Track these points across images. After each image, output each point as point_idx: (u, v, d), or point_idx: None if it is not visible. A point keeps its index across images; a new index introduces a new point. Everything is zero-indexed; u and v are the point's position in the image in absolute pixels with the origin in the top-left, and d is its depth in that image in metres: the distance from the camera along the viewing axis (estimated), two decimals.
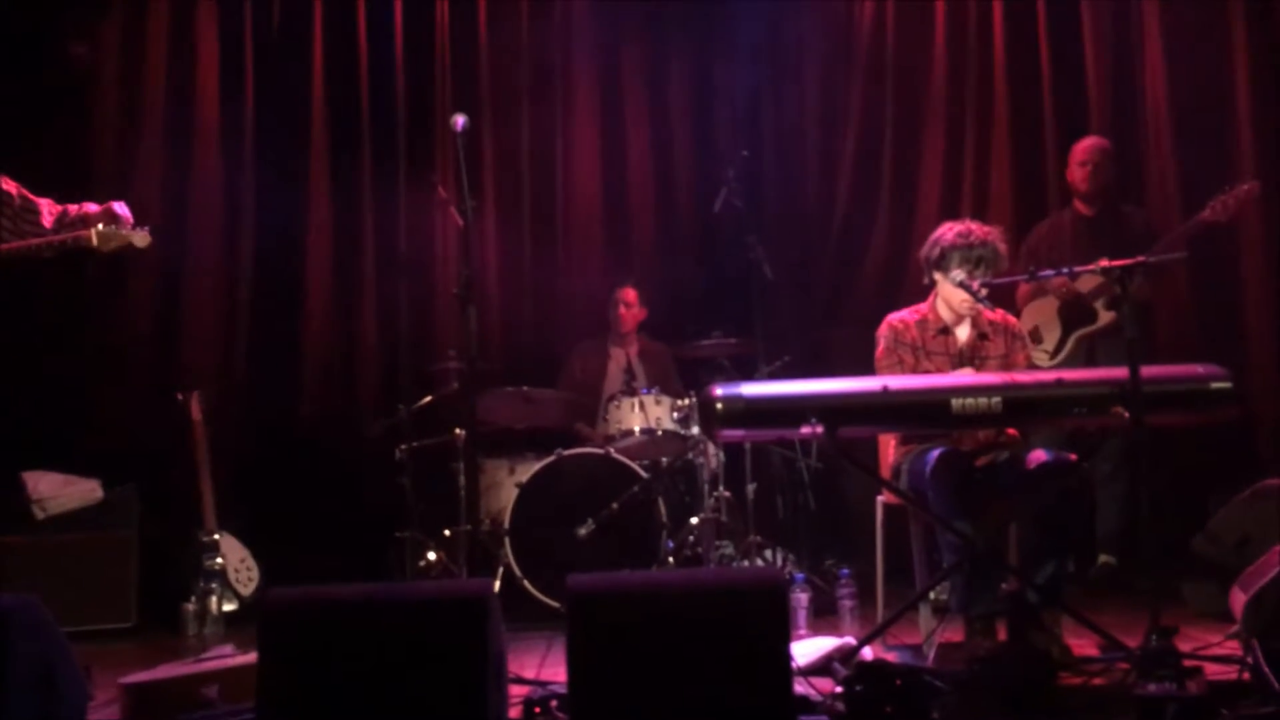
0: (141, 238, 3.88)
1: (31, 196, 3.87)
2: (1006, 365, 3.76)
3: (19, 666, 2.51)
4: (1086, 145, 5.13)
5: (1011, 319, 3.92)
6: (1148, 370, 3.18)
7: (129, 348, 5.51)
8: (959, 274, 3.72)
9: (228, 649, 3.21)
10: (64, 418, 5.32)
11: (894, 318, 3.88)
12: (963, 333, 3.83)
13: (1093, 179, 5.05)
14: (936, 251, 3.80)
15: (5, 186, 3.83)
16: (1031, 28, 5.81)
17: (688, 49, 6.26)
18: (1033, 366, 3.86)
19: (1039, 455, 3.63)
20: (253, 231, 5.74)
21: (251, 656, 2.87)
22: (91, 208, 3.83)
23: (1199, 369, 3.37)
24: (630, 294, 5.62)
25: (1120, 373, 3.17)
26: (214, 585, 4.91)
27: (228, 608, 4.93)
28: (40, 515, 4.86)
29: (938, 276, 3.82)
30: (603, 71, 6.16)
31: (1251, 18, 5.37)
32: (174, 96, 5.65)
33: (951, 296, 3.78)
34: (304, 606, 2.51)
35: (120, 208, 3.80)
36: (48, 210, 3.90)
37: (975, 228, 3.78)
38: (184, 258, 5.60)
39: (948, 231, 3.80)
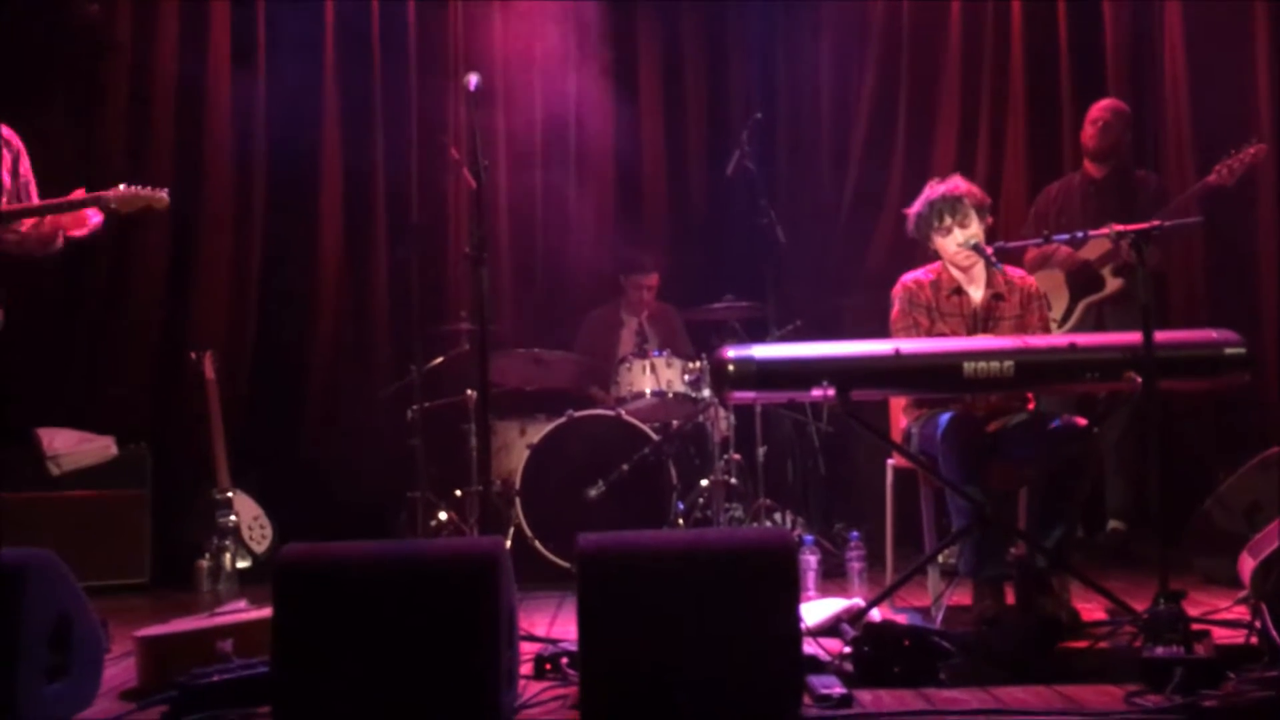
0: (160, 200, 3.91)
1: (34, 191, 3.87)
2: (1021, 325, 3.76)
3: (37, 619, 2.54)
4: (1100, 104, 5.11)
5: (1029, 279, 3.90)
6: (1161, 335, 3.17)
7: (143, 307, 5.53)
8: (959, 234, 3.72)
9: (241, 604, 3.24)
10: (79, 375, 5.35)
11: (908, 278, 3.87)
12: (976, 293, 3.81)
13: (1101, 136, 5.01)
14: (915, 223, 3.84)
15: (22, 170, 3.83)
16: None
17: (702, 12, 6.22)
18: (1048, 327, 3.84)
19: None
20: (265, 191, 5.73)
21: (266, 611, 2.89)
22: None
23: (1213, 334, 3.36)
24: (655, 279, 5.61)
25: (1134, 337, 3.16)
26: (228, 542, 4.96)
27: (241, 564, 4.97)
28: (55, 472, 4.90)
29: (933, 244, 3.82)
30: (616, 33, 6.13)
31: None
32: (185, 59, 5.62)
33: (947, 250, 3.78)
34: (319, 562, 2.52)
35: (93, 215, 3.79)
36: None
37: (934, 185, 3.83)
38: (197, 218, 5.60)
39: (915, 204, 3.85)
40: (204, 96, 5.64)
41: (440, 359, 5.26)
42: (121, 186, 3.83)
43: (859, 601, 3.49)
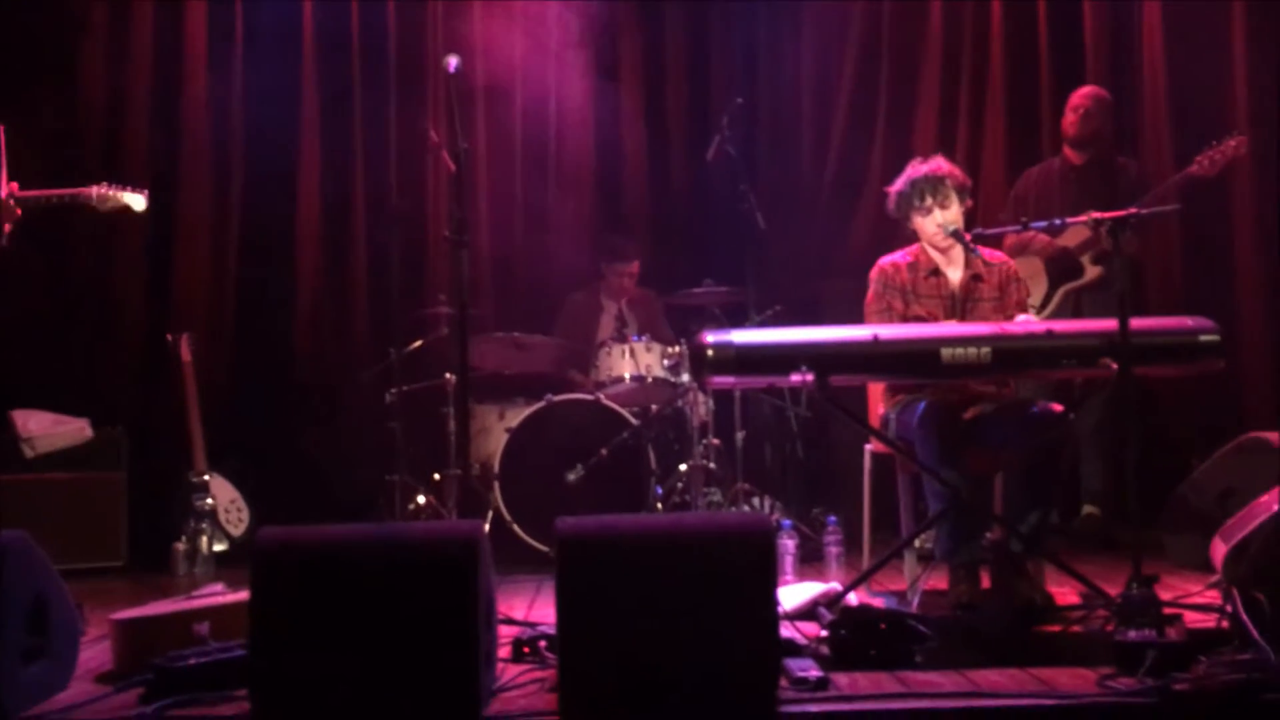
0: (138, 201, 3.93)
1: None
2: (1000, 307, 3.78)
3: (14, 600, 2.53)
4: (1082, 91, 5.13)
5: (1008, 261, 3.92)
6: (1137, 322, 3.19)
7: (121, 289, 5.49)
8: (938, 214, 3.74)
9: (218, 587, 3.23)
10: (54, 357, 5.31)
11: (885, 261, 3.88)
12: (955, 275, 3.83)
13: (1081, 124, 5.04)
14: (896, 202, 3.85)
15: None
16: None
17: None
18: (1025, 309, 3.86)
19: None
20: (243, 173, 5.70)
21: (242, 595, 2.89)
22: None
23: (1188, 321, 3.39)
24: (636, 267, 5.61)
25: (1110, 324, 3.19)
26: (204, 525, 4.94)
27: (218, 548, 4.96)
28: (29, 454, 4.86)
29: (912, 223, 3.83)
30: (597, 14, 6.10)
31: None
32: (163, 42, 5.58)
33: (926, 231, 3.79)
34: (296, 545, 2.52)
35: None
36: None
37: (915, 168, 3.83)
38: (176, 202, 5.56)
39: (897, 182, 3.85)
40: (181, 81, 5.60)
41: (419, 342, 5.24)
42: (103, 185, 3.85)
43: (836, 585, 3.51)
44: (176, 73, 5.59)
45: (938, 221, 3.75)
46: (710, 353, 3.27)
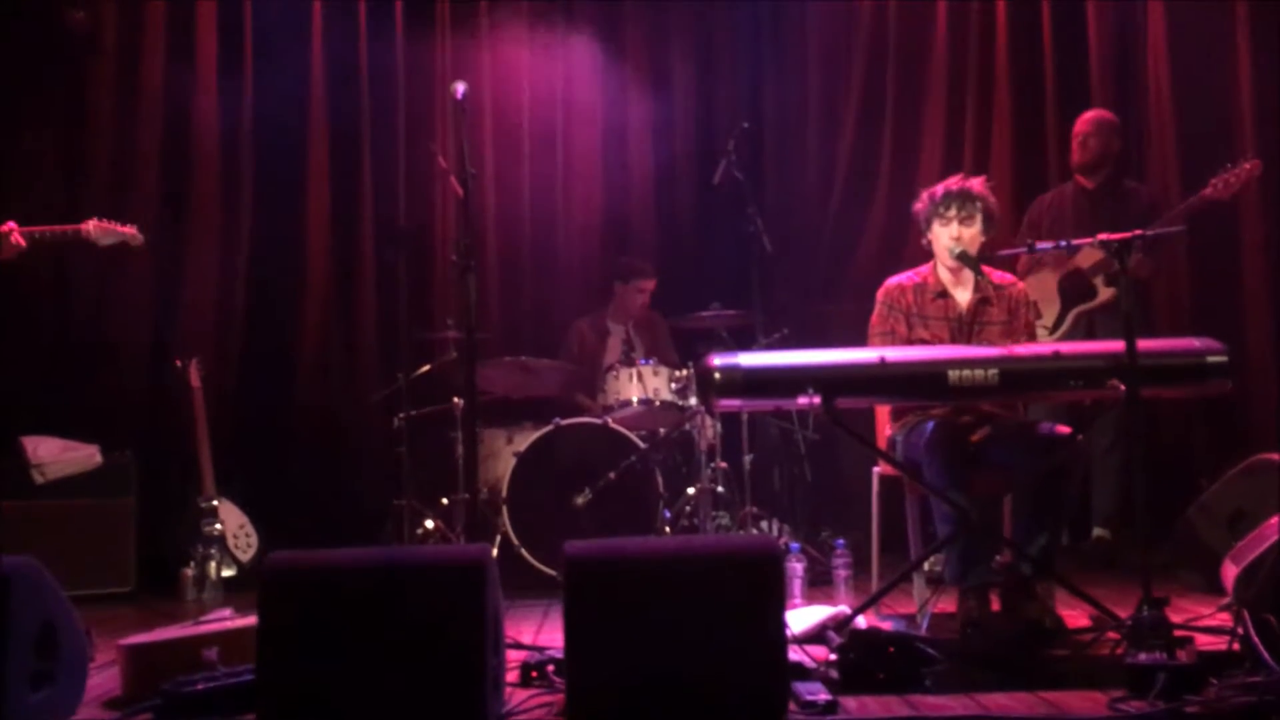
0: (135, 238, 4.00)
1: None
2: (1008, 331, 3.77)
3: (22, 626, 2.54)
4: (1084, 117, 5.15)
5: (1018, 284, 3.92)
6: (1144, 343, 3.19)
7: (129, 314, 5.51)
8: (955, 228, 3.74)
9: (226, 612, 3.24)
10: (63, 383, 5.33)
11: (891, 282, 3.88)
12: (963, 296, 3.82)
13: (1081, 150, 5.07)
14: (927, 204, 3.83)
15: None
16: (1034, 5, 5.80)
17: (690, 18, 6.25)
18: (1034, 333, 3.86)
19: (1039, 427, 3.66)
20: (251, 199, 5.72)
21: (251, 619, 2.89)
22: None
23: (1195, 343, 3.38)
24: (653, 284, 5.62)
25: (1117, 346, 3.18)
26: (213, 551, 4.94)
27: (226, 573, 4.96)
28: (39, 480, 4.87)
29: (931, 232, 3.83)
30: (605, 39, 6.14)
31: None
32: (172, 63, 5.62)
33: (940, 241, 3.79)
34: (304, 569, 2.53)
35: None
36: None
37: (954, 180, 3.83)
38: (183, 225, 5.59)
39: (937, 186, 3.85)
40: (190, 104, 5.63)
41: (427, 367, 5.26)
42: (96, 220, 3.92)
43: (845, 609, 3.50)
44: (187, 97, 5.62)
45: (952, 235, 3.74)
46: (717, 376, 3.27)
